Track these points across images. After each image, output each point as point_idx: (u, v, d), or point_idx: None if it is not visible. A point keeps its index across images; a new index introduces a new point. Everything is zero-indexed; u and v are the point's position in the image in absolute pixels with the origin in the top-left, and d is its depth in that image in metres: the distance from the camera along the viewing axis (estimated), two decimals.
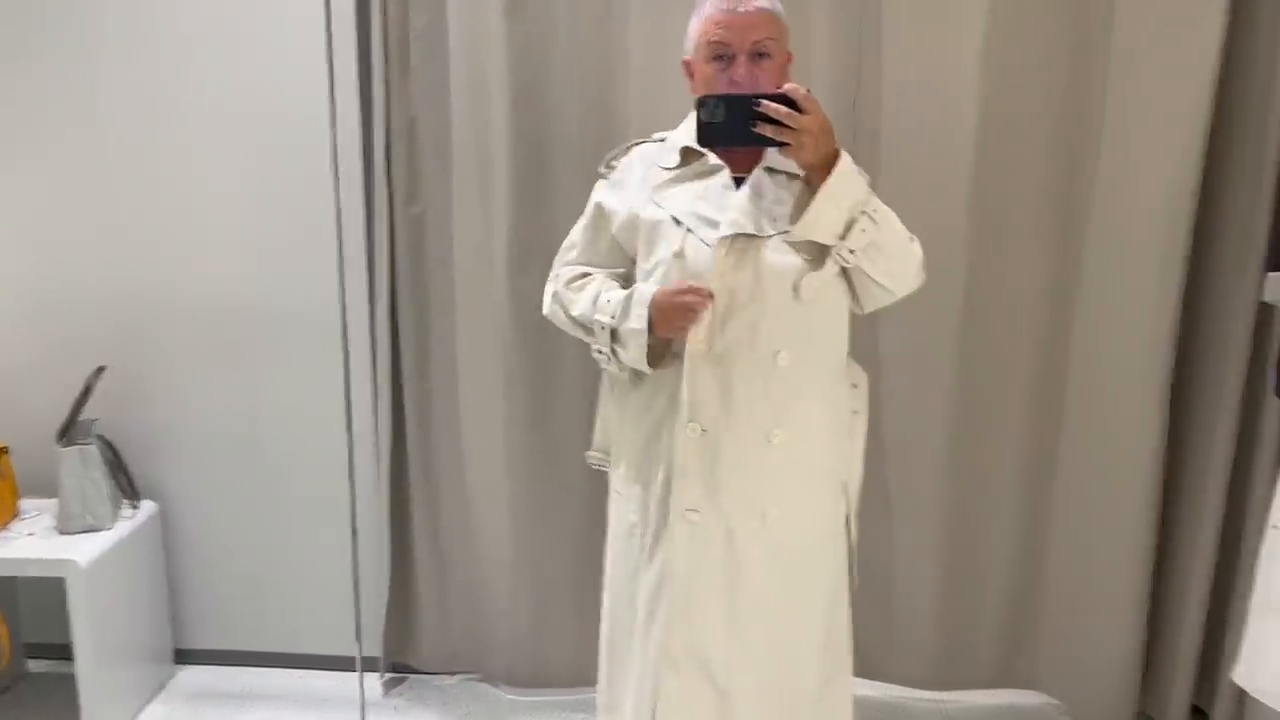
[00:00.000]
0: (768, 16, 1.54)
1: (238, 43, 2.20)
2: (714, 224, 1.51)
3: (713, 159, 1.56)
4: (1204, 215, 2.03)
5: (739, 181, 1.55)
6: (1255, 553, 1.73)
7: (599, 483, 1.80)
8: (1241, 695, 2.17)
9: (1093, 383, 2.14)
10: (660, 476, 1.57)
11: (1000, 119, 2.03)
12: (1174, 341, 2.05)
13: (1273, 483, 1.72)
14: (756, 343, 1.51)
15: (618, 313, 1.54)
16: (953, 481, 2.20)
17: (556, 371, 2.19)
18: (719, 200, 1.53)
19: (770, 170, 1.55)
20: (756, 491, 1.54)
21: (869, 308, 1.62)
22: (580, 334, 1.64)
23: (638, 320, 1.51)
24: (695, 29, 1.57)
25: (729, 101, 1.44)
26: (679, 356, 1.54)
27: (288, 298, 2.31)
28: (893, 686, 2.37)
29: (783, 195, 1.53)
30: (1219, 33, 1.90)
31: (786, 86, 1.42)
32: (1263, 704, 2.02)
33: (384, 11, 2.06)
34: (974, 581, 2.27)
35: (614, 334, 1.55)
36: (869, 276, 1.53)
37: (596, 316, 1.57)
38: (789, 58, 1.59)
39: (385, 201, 2.15)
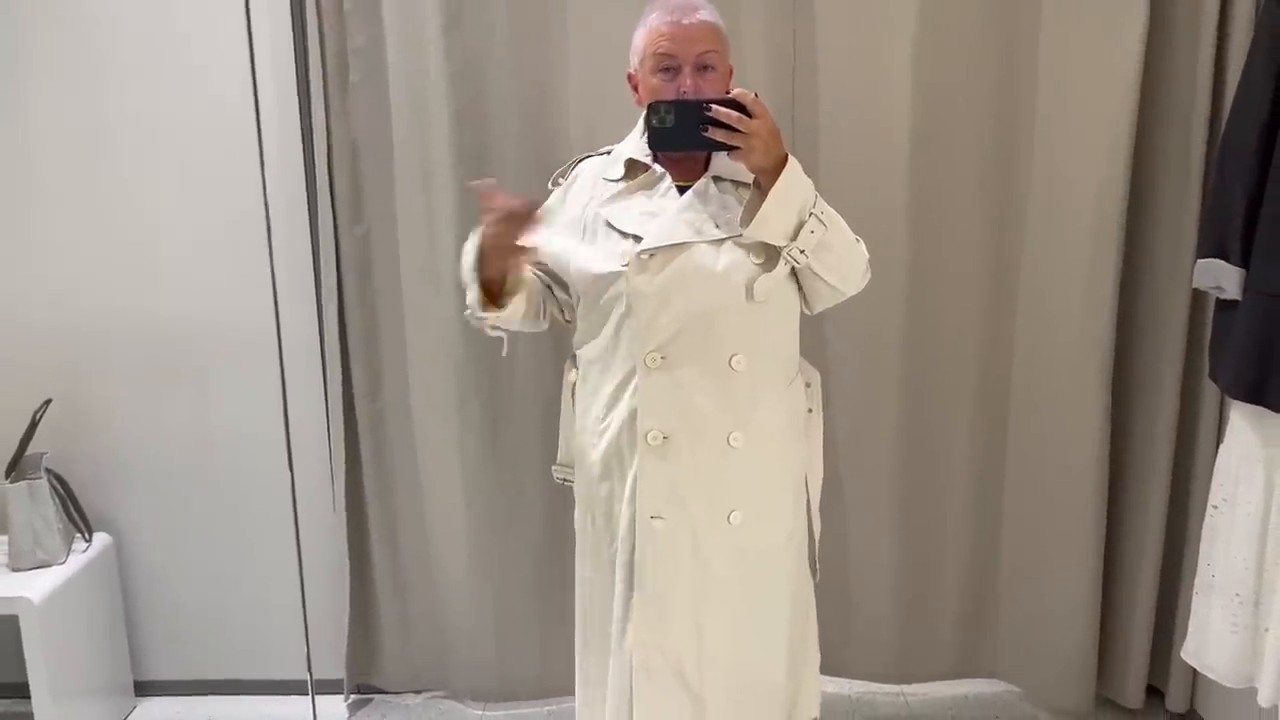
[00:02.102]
0: (712, 30, 1.56)
1: (169, 70, 2.18)
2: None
3: (658, 169, 1.58)
4: (1137, 207, 2.08)
5: (684, 190, 1.56)
6: (1199, 532, 1.78)
7: (556, 494, 1.82)
8: (1194, 673, 2.23)
9: (1036, 373, 2.18)
10: (624, 484, 1.58)
11: (934, 116, 2.07)
12: (1113, 330, 2.09)
13: (1214, 461, 1.76)
14: (710, 348, 1.53)
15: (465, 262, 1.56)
16: (904, 477, 2.24)
17: (509, 386, 2.20)
18: (660, 210, 1.55)
19: (717, 179, 1.57)
20: (720, 494, 1.57)
21: (818, 307, 1.65)
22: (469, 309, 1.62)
23: (468, 255, 1.55)
24: (640, 42, 1.58)
25: (679, 107, 1.46)
26: (517, 294, 1.55)
27: (232, 322, 2.29)
28: (855, 682, 2.41)
29: (729, 201, 1.55)
30: (1141, 30, 1.95)
31: (736, 91, 1.44)
32: (1213, 683, 2.08)
33: (320, 32, 2.06)
34: (931, 575, 2.31)
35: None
36: (819, 276, 1.55)
37: (462, 275, 1.59)
38: (730, 71, 1.61)
39: (330, 222, 2.14)
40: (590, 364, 1.63)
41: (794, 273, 1.57)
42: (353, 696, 2.41)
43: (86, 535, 2.31)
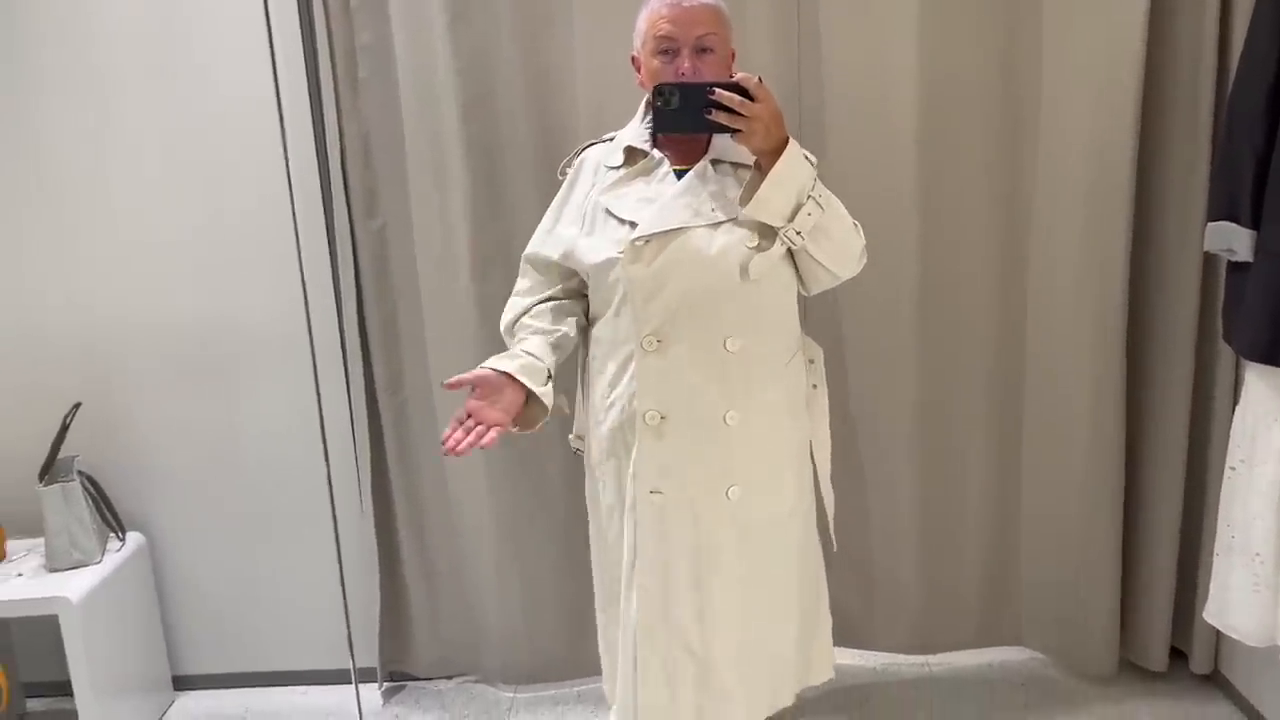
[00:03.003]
0: (713, 13, 1.59)
1: (179, 75, 2.20)
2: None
3: (655, 155, 1.62)
4: (1145, 172, 2.08)
5: (681, 174, 1.60)
6: (1219, 494, 1.79)
7: (580, 477, 1.85)
8: (1218, 635, 2.24)
9: (1051, 342, 2.19)
10: (629, 459, 1.63)
11: (941, 89, 2.07)
12: (1126, 296, 2.09)
13: (1230, 422, 1.77)
14: (705, 330, 1.58)
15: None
16: (922, 449, 2.25)
17: None
18: (657, 195, 1.58)
19: (716, 162, 1.60)
20: (718, 471, 1.61)
21: (814, 290, 1.68)
22: None
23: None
24: (643, 24, 1.62)
25: (684, 89, 1.48)
26: (542, 419, 1.62)
27: (252, 322, 2.32)
28: (879, 654, 2.43)
29: (728, 183, 1.58)
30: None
31: (739, 75, 1.47)
32: (1237, 644, 2.10)
33: (329, 30, 2.08)
34: (951, 544, 2.33)
35: None
36: (814, 259, 1.58)
37: None
38: (732, 55, 1.63)
39: (345, 217, 2.16)
40: (598, 343, 1.69)
41: (790, 254, 1.60)
42: (386, 684, 2.45)
43: (120, 535, 2.35)
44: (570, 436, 1.85)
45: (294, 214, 2.04)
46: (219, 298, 2.32)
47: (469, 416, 1.52)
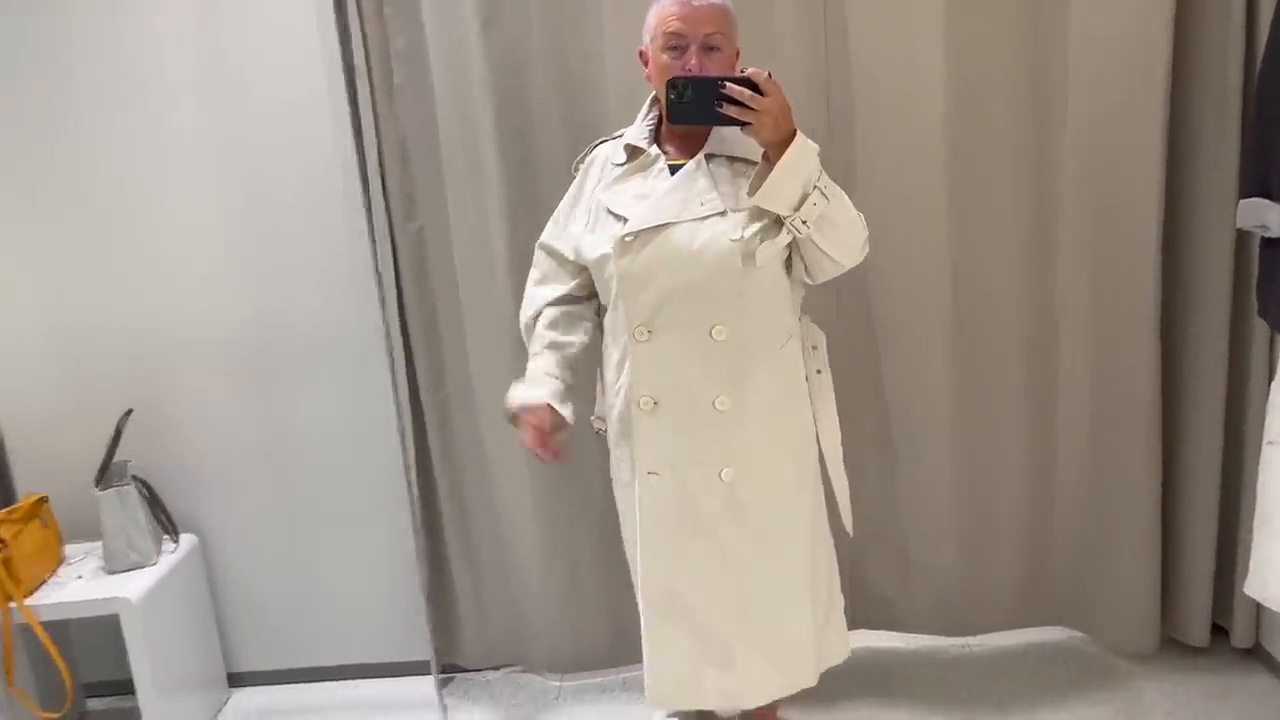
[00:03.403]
0: (721, 12, 1.66)
1: (221, 81, 2.26)
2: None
3: (652, 152, 1.71)
4: (1176, 152, 2.09)
5: (677, 170, 1.68)
6: (1256, 467, 1.80)
7: None
8: (1259, 610, 2.25)
9: (1084, 321, 2.20)
10: (632, 441, 1.75)
11: (968, 83, 2.09)
12: (1159, 274, 2.11)
13: (1264, 402, 1.78)
14: (692, 320, 1.67)
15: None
16: (957, 430, 2.27)
17: None
18: (650, 191, 1.68)
19: (711, 156, 1.68)
20: (711, 453, 1.71)
21: (819, 279, 1.75)
22: None
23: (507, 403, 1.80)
24: (653, 20, 1.69)
25: (696, 83, 1.56)
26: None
27: (298, 324, 2.38)
28: (920, 637, 2.45)
29: (721, 176, 1.66)
30: None
31: (749, 70, 1.53)
32: (1278, 614, 2.11)
33: (364, 37, 2.12)
34: (988, 525, 2.35)
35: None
36: (819, 248, 1.65)
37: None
38: (737, 53, 1.71)
39: (385, 220, 2.22)
40: (607, 332, 1.80)
41: (793, 245, 1.67)
42: (439, 676, 2.50)
43: (174, 537, 2.41)
44: (592, 418, 1.96)
45: (369, 217, 2.18)
46: (263, 302, 2.37)
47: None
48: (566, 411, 1.75)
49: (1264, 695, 2.18)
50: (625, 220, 1.66)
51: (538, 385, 1.75)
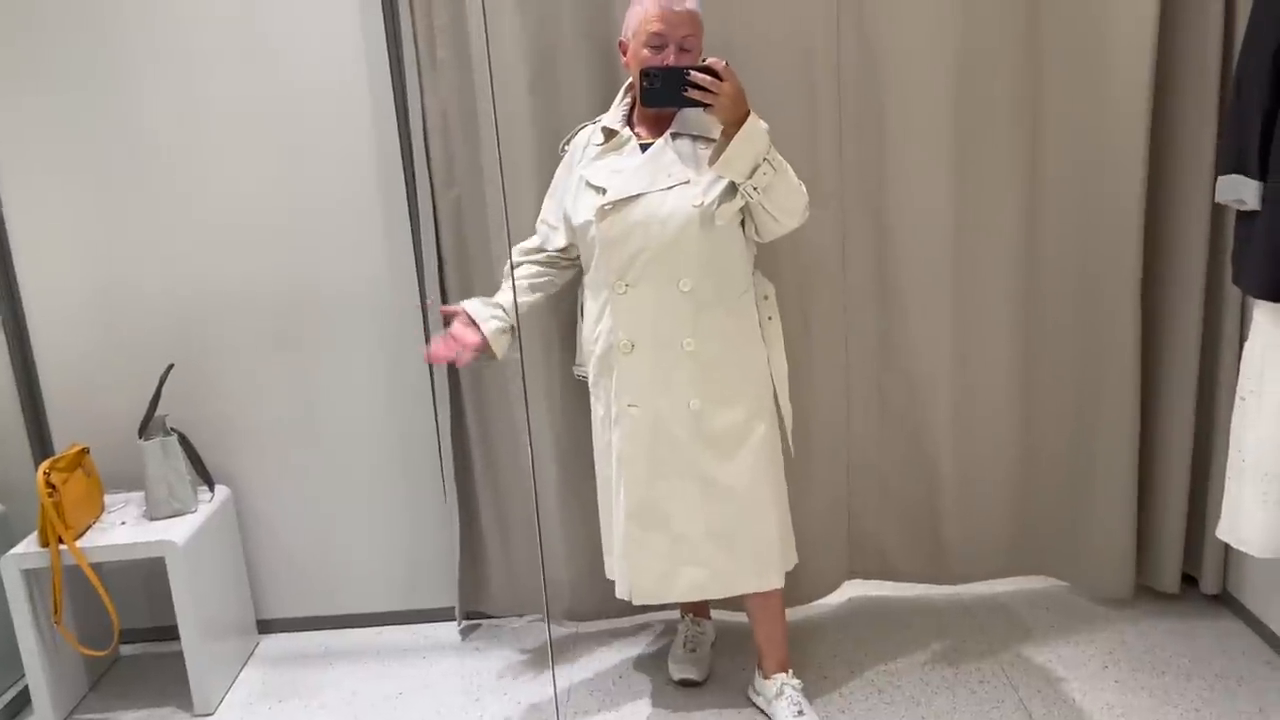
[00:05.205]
0: (695, 18, 1.94)
1: (265, 54, 2.36)
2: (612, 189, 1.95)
3: (625, 133, 2.01)
4: (1159, 131, 2.28)
5: (646, 148, 1.98)
6: (1227, 427, 1.97)
7: None
8: (1225, 559, 2.45)
9: (1070, 286, 2.39)
10: (613, 380, 2.04)
11: (969, 63, 2.26)
12: (1141, 243, 2.29)
13: (1238, 359, 1.96)
14: (662, 274, 1.95)
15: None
16: (951, 395, 2.45)
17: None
18: (624, 167, 1.97)
19: (676, 135, 1.96)
20: (680, 387, 2.00)
21: (766, 238, 2.04)
22: None
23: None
24: (635, 19, 1.95)
25: (666, 72, 1.84)
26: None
27: (336, 285, 2.49)
28: (916, 585, 2.63)
29: (685, 151, 1.96)
30: None
31: (710, 59, 1.81)
32: (1242, 566, 2.30)
33: (411, 11, 2.25)
34: (980, 483, 2.52)
35: None
36: (766, 211, 1.93)
37: None
38: (700, 51, 1.97)
39: (427, 186, 2.34)
40: (587, 288, 2.09)
41: (744, 211, 1.96)
42: (464, 622, 2.65)
43: (210, 487, 2.52)
44: (574, 367, 2.30)
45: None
46: (302, 265, 2.48)
47: (453, 339, 2.04)
48: (498, 347, 2.06)
49: (1229, 635, 2.38)
50: (604, 191, 1.95)
51: (489, 316, 2.06)
